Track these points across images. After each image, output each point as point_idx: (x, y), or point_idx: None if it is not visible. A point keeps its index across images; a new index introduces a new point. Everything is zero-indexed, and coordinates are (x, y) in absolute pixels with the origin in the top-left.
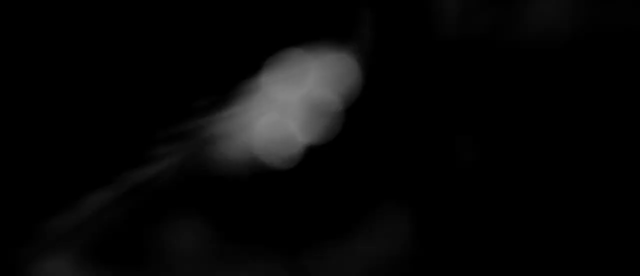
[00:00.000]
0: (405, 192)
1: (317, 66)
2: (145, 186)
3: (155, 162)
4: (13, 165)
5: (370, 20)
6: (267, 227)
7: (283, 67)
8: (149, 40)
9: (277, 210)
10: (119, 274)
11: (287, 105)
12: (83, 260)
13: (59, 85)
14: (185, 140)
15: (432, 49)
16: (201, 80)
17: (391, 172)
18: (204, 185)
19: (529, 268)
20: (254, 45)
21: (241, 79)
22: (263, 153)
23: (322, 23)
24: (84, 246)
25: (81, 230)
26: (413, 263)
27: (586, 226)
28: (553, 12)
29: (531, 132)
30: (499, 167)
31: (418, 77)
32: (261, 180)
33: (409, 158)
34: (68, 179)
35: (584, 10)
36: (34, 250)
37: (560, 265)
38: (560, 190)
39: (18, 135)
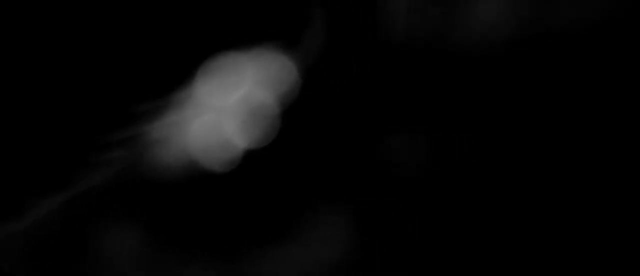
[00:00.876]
0: (342, 196)
1: (255, 69)
2: (84, 191)
3: (94, 168)
4: None
5: (313, 22)
6: (204, 231)
7: (220, 70)
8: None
9: (214, 214)
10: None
11: (224, 109)
12: (26, 260)
13: (8, 89)
14: (124, 146)
15: (374, 51)
16: (140, 86)
17: (328, 175)
18: (141, 189)
19: (468, 268)
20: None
21: (179, 83)
22: (200, 157)
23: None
24: (27, 248)
25: (24, 232)
26: (350, 267)
27: (519, 225)
28: (494, 13)
29: (472, 132)
30: (438, 169)
31: (358, 79)
32: (198, 184)
33: (345, 162)
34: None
35: (524, 11)
36: None
37: (500, 263)
38: (502, 189)
39: None
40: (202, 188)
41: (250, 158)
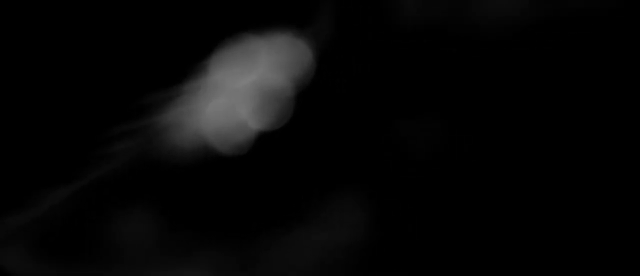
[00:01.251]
0: (358, 179)
1: (269, 51)
2: (98, 178)
3: (108, 154)
4: None
5: (326, 6)
6: (218, 216)
7: (234, 53)
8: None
9: (228, 198)
10: (71, 266)
11: (238, 91)
12: (35, 253)
13: (14, 83)
14: (138, 130)
15: (388, 35)
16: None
17: (343, 158)
18: (155, 174)
19: (484, 254)
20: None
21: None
22: (214, 140)
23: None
24: (36, 240)
25: (33, 224)
26: (365, 251)
27: (536, 211)
28: (498, 4)
29: (488, 119)
30: (454, 154)
31: (371, 63)
32: (212, 167)
33: (360, 146)
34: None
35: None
36: None
37: (514, 248)
38: (515, 178)
39: None
40: (216, 171)
41: (264, 141)
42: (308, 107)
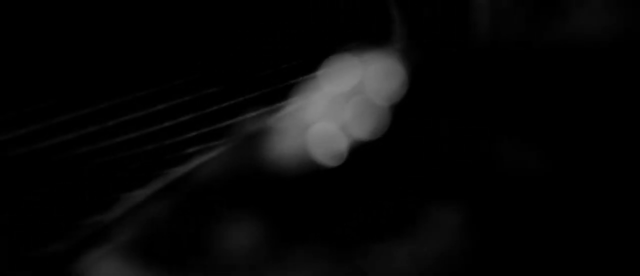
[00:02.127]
0: (455, 193)
1: (364, 66)
2: (196, 183)
3: (205, 157)
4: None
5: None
6: (318, 225)
7: (330, 67)
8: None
9: (328, 207)
10: (169, 273)
11: (337, 101)
12: (131, 258)
13: (104, 81)
14: (234, 135)
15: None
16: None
17: (440, 170)
18: (254, 181)
19: (583, 266)
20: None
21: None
22: (313, 149)
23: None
24: (132, 244)
25: (129, 228)
26: (466, 261)
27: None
28: (596, 13)
29: (578, 132)
30: (546, 169)
31: (461, 76)
32: (312, 176)
33: (456, 157)
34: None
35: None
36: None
37: (605, 261)
38: (608, 191)
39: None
40: (317, 180)
41: (362, 151)
42: (404, 118)
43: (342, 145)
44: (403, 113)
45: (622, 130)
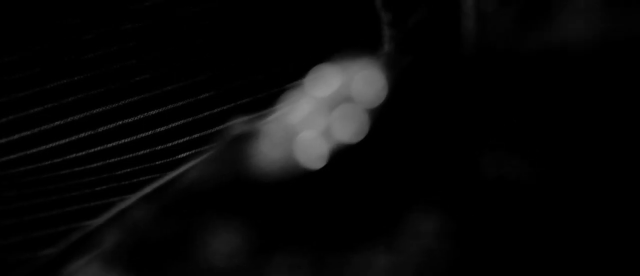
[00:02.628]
0: (437, 198)
1: (350, 71)
2: (180, 188)
3: (191, 163)
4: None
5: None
6: (299, 232)
7: (317, 73)
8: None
9: (309, 214)
10: None
11: (322, 107)
12: (115, 263)
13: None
14: (219, 140)
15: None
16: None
17: (423, 177)
18: (238, 187)
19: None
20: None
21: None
22: (297, 154)
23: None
24: (116, 250)
25: (114, 233)
26: (446, 269)
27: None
28: (579, 19)
29: (558, 139)
30: (531, 177)
31: (447, 82)
32: (295, 182)
33: (439, 164)
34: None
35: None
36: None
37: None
38: (590, 199)
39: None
40: (298, 186)
41: (345, 156)
42: (385, 123)
43: (325, 150)
44: (387, 119)
45: (609, 136)
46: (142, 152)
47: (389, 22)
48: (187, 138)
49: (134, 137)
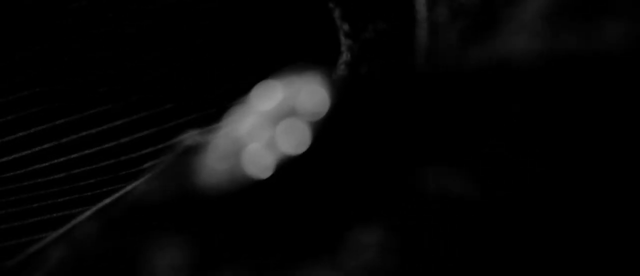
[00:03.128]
0: (376, 213)
1: (297, 85)
2: (127, 203)
3: (136, 177)
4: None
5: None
6: (243, 248)
7: (264, 86)
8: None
9: (252, 225)
10: None
11: (268, 120)
12: None
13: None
14: (167, 155)
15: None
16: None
17: (362, 191)
18: (184, 201)
19: None
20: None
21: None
22: (241, 164)
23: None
24: (61, 265)
25: (61, 248)
26: None
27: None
28: (523, 33)
29: (502, 155)
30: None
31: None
32: (238, 192)
33: (379, 179)
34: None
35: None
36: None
37: None
38: (533, 215)
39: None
40: (245, 193)
41: (288, 169)
42: (331, 134)
43: (270, 163)
44: (332, 132)
45: (553, 151)
46: (91, 166)
47: (347, 32)
48: (136, 153)
49: (83, 152)
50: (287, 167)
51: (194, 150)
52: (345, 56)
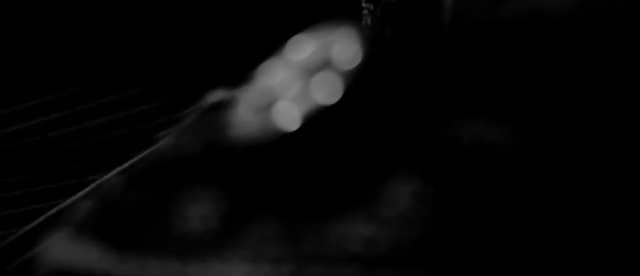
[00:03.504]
0: (412, 165)
1: (329, 40)
2: (154, 159)
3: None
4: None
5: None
6: (274, 196)
7: (295, 41)
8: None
9: (288, 173)
10: (123, 251)
11: (297, 70)
12: (86, 237)
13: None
14: (195, 110)
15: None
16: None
17: (397, 144)
18: (212, 151)
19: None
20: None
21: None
22: (272, 117)
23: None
24: (87, 221)
25: (87, 208)
26: (419, 238)
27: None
28: None
29: (538, 107)
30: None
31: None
32: (270, 145)
33: (414, 131)
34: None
35: None
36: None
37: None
38: (569, 167)
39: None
40: (274, 151)
41: (321, 121)
42: (362, 86)
43: (301, 115)
44: (365, 86)
45: (590, 105)
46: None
47: None
48: (168, 117)
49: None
50: (320, 118)
51: (222, 105)
52: (366, 20)
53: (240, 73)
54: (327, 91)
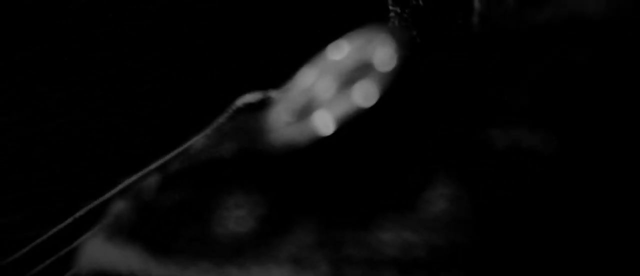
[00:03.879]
0: (447, 171)
1: (368, 41)
2: (187, 158)
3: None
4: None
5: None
6: (314, 195)
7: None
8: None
9: (324, 176)
10: (156, 250)
11: (340, 73)
12: (119, 233)
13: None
14: (230, 109)
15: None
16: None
17: (435, 142)
18: (248, 152)
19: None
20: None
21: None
22: (311, 116)
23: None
24: (120, 220)
25: (121, 207)
26: (452, 251)
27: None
28: None
29: (569, 111)
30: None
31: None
32: (307, 147)
33: (447, 136)
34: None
35: None
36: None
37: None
38: (603, 169)
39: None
40: (310, 153)
41: (358, 124)
42: (402, 89)
43: (339, 117)
44: (399, 88)
45: (622, 108)
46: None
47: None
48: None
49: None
50: (356, 122)
51: (256, 107)
52: (392, 22)
53: (276, 70)
54: (364, 94)
